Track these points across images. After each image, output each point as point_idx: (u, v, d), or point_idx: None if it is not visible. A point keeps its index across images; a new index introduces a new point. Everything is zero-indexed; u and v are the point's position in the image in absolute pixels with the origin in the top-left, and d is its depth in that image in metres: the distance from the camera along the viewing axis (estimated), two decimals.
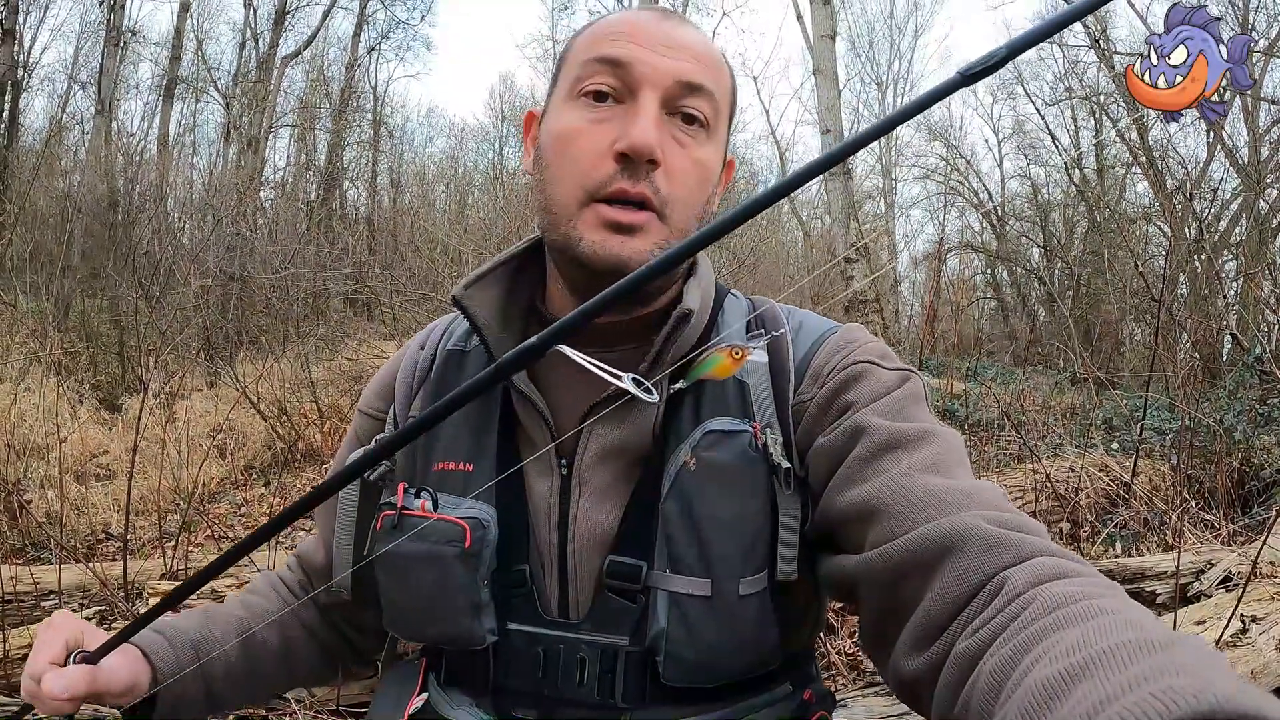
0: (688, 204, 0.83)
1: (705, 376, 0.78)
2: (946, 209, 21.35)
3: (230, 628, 0.96)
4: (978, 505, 0.67)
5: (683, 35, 0.84)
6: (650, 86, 0.81)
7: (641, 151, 0.78)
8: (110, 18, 14.84)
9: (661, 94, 0.81)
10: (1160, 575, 2.92)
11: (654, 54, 0.81)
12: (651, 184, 0.80)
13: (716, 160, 0.88)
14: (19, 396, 6.01)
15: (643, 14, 0.87)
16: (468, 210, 14.45)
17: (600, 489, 0.86)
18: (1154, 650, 0.42)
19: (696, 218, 0.85)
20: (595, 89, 0.82)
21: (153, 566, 3.44)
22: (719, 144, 0.88)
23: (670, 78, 0.81)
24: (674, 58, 0.82)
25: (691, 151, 0.83)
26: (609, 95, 0.82)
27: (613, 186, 0.79)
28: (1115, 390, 6.46)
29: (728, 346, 0.77)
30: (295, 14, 18.51)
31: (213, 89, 18.43)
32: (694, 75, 0.82)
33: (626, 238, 0.80)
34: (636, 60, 0.81)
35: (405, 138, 22.00)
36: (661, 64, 0.81)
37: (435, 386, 0.94)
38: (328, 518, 0.98)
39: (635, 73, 0.81)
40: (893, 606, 0.67)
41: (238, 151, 16.71)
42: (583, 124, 0.82)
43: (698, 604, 0.80)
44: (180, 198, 13.19)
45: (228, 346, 8.88)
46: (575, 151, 0.81)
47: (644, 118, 0.79)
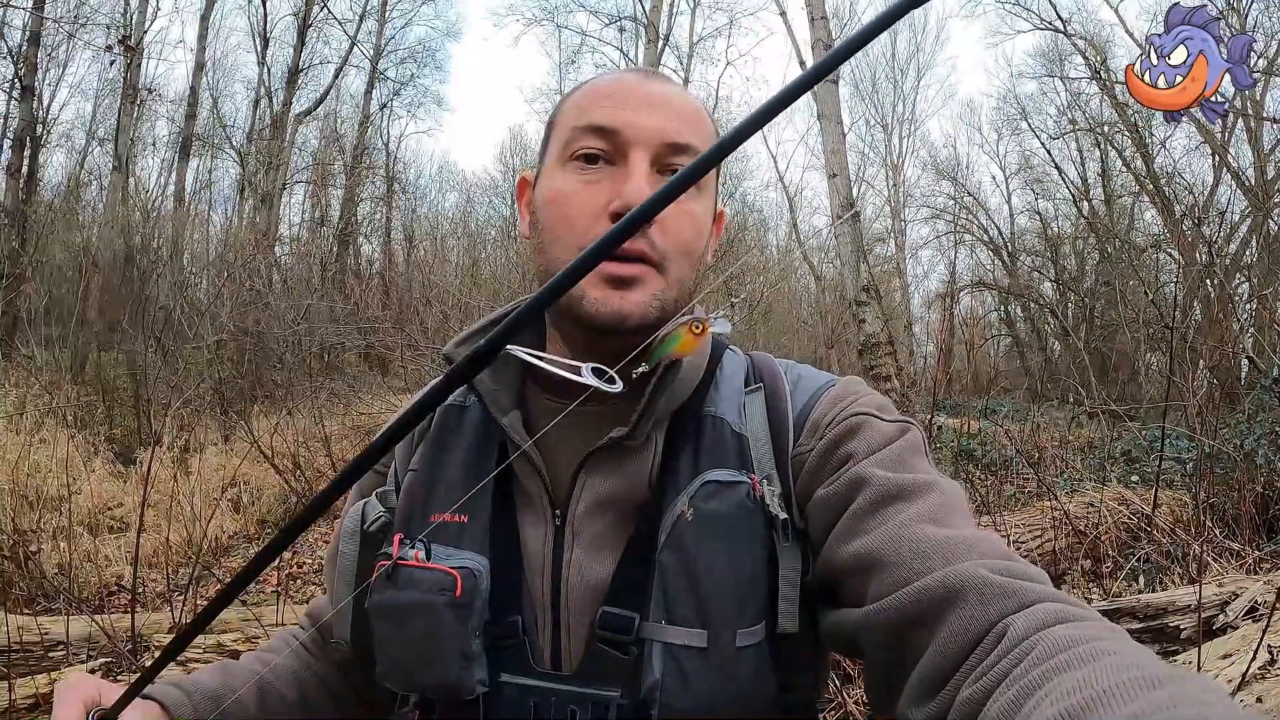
0: (684, 256, 0.85)
1: (668, 355, 0.77)
2: (956, 247, 21.41)
3: (247, 681, 0.96)
4: (979, 554, 0.67)
5: (667, 94, 0.87)
6: (639, 147, 0.83)
7: None
8: (127, 76, 15.29)
9: (651, 154, 0.83)
10: (1183, 610, 2.86)
11: (640, 115, 0.84)
12: (647, 239, 0.81)
13: (708, 213, 0.90)
14: (34, 447, 6.06)
15: (627, 75, 0.90)
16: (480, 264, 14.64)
17: (594, 539, 0.85)
18: (1154, 687, 0.43)
19: (693, 268, 0.87)
20: (586, 153, 0.84)
21: (161, 619, 3.43)
22: (709, 197, 0.90)
23: (658, 138, 0.83)
24: (660, 118, 0.84)
25: (682, 206, 0.84)
26: (600, 157, 0.84)
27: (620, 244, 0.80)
28: (1132, 422, 6.39)
29: (688, 321, 0.75)
30: (308, 72, 19.01)
31: (228, 146, 18.87)
32: (680, 135, 0.84)
33: (626, 291, 0.81)
34: (624, 124, 0.83)
35: (418, 193, 22.35)
36: (648, 124, 0.84)
37: (434, 442, 0.95)
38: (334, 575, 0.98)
39: (624, 136, 0.83)
40: (897, 658, 0.66)
41: (253, 207, 17.04)
42: (576, 186, 0.84)
43: (693, 655, 0.79)
44: (196, 253, 13.46)
45: (242, 400, 8.96)
46: (571, 213, 0.84)
47: (636, 177, 0.81)
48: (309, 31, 18.42)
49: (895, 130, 24.76)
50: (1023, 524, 4.37)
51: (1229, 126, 12.83)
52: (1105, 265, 14.67)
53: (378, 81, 20.28)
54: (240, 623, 3.49)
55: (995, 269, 19.99)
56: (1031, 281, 18.61)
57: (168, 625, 3.38)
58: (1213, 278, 7.27)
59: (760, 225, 21.63)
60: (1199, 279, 7.34)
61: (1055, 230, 18.57)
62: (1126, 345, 11.19)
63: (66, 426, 6.93)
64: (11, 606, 3.64)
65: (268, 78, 18.63)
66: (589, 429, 0.84)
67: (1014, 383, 15.34)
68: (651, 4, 16.18)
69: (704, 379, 0.91)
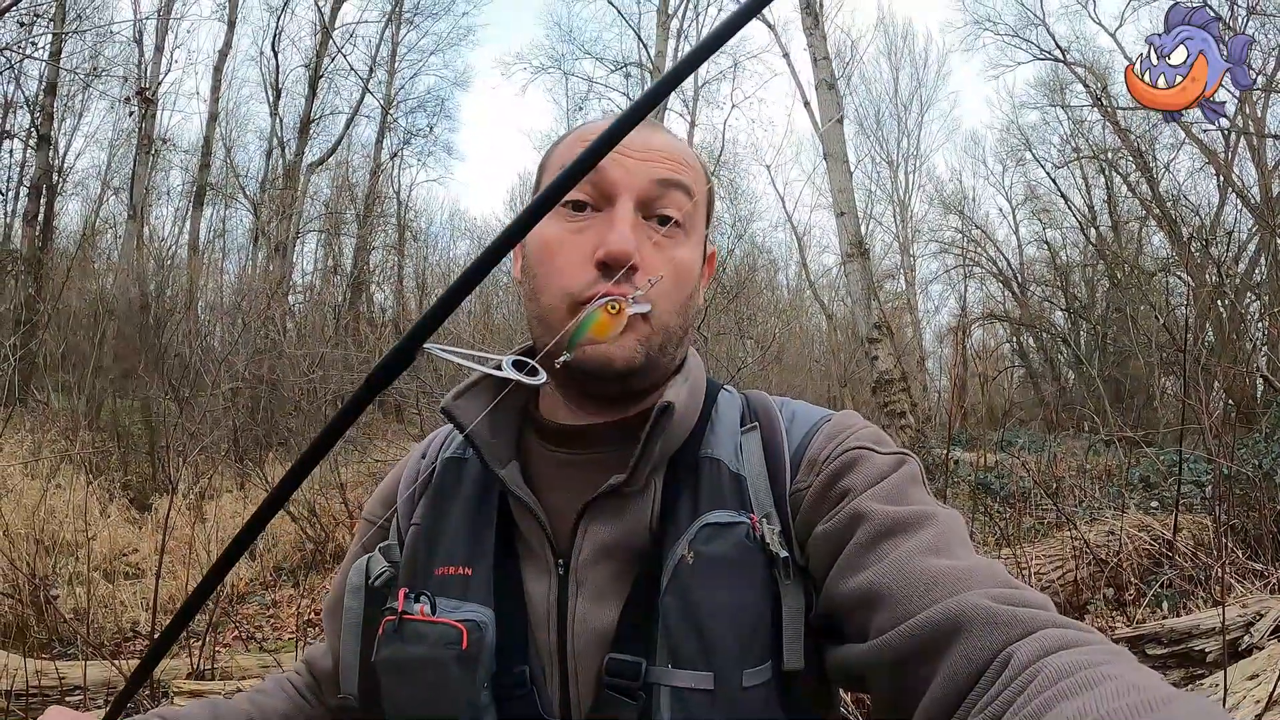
0: (671, 302, 0.85)
1: (586, 340, 0.76)
2: (966, 281, 21.39)
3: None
4: (981, 584, 0.67)
5: (656, 140, 0.87)
6: (626, 192, 0.84)
7: (619, 259, 0.80)
8: (142, 126, 15.58)
9: (636, 198, 0.84)
10: (1208, 632, 2.81)
11: (629, 160, 0.84)
12: (633, 286, 0.81)
13: (695, 257, 0.90)
14: (50, 493, 6.08)
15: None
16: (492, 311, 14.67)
17: (598, 587, 0.85)
18: (1151, 710, 0.44)
19: (680, 313, 0.87)
20: (573, 200, 0.84)
21: (179, 665, 3.42)
22: (697, 241, 0.90)
23: (645, 179, 0.84)
24: (648, 160, 0.85)
25: (669, 251, 0.85)
26: (587, 204, 0.85)
27: (594, 290, 0.81)
28: (1148, 448, 6.33)
29: (605, 302, 0.76)
30: (320, 123, 19.33)
31: (241, 195, 19.16)
32: (668, 173, 0.85)
33: None
34: (610, 168, 0.83)
35: (429, 241, 22.58)
36: (636, 169, 0.84)
37: (435, 494, 0.96)
38: (334, 625, 0.99)
39: (610, 180, 0.84)
40: (903, 692, 0.66)
41: (266, 256, 17.22)
42: (564, 234, 0.84)
43: (700, 697, 0.78)
44: (210, 301, 13.61)
45: (257, 448, 9.00)
46: (559, 262, 0.84)
47: (620, 225, 0.82)
48: (320, 82, 18.77)
49: (901, 166, 24.87)
50: (1043, 555, 4.33)
51: (1232, 145, 12.89)
52: (1115, 291, 14.64)
53: (389, 131, 20.63)
54: (260, 669, 3.48)
55: (1006, 300, 19.95)
56: (1043, 311, 18.56)
57: (185, 671, 3.38)
58: (1223, 298, 7.25)
59: (770, 266, 21.69)
60: (1210, 300, 7.31)
61: (1064, 259, 18.55)
62: (1140, 371, 11.12)
63: (83, 473, 6.96)
64: (29, 651, 3.64)
65: (280, 128, 18.96)
66: (588, 477, 0.85)
67: (1029, 413, 15.22)
68: (656, 50, 16.49)
69: (700, 421, 0.91)
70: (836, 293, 19.80)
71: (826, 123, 9.49)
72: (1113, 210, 16.79)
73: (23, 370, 9.66)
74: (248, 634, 4.42)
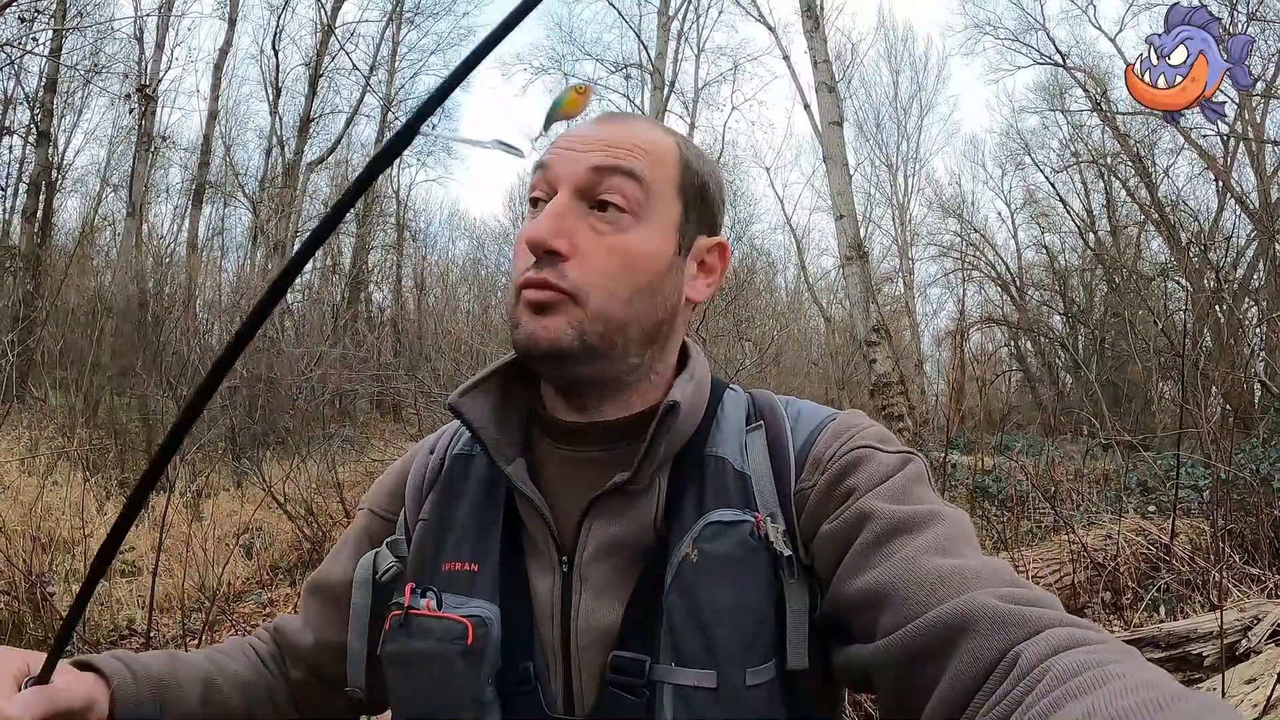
0: (608, 290, 0.83)
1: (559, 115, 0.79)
2: (965, 284, 21.41)
3: (195, 675, 0.94)
4: (988, 583, 0.67)
5: (604, 131, 0.87)
6: (564, 183, 0.84)
7: (531, 244, 0.82)
8: (141, 123, 15.56)
9: (574, 187, 0.84)
10: (1205, 636, 2.81)
11: (572, 152, 0.85)
12: (556, 271, 0.82)
13: (648, 243, 0.86)
14: (47, 490, 6.07)
15: (590, 119, 0.92)
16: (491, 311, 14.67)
17: (601, 585, 0.86)
18: (1160, 708, 0.44)
19: (626, 303, 0.85)
20: (534, 196, 0.87)
21: None
22: (656, 227, 0.87)
23: (581, 168, 0.84)
24: (588, 150, 0.85)
25: (609, 239, 0.84)
26: (542, 199, 0.86)
27: (525, 275, 0.83)
28: (1146, 452, 6.34)
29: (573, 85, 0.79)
30: (319, 121, 19.30)
31: (240, 194, 19.15)
32: (605, 160, 0.84)
33: (541, 317, 0.82)
34: (555, 161, 0.85)
35: (428, 241, 22.57)
36: (577, 159, 0.84)
37: (444, 490, 0.96)
38: (322, 609, 1.00)
39: (553, 173, 0.85)
40: (910, 692, 0.66)
41: (265, 255, 17.18)
42: (524, 228, 0.86)
43: (704, 696, 0.78)
44: (208, 299, 13.60)
45: (255, 447, 8.99)
46: (516, 252, 0.87)
47: (544, 214, 0.83)
48: (320, 81, 18.78)
49: (900, 170, 24.90)
50: (1040, 559, 4.33)
51: (1231, 151, 12.92)
52: (1114, 296, 14.67)
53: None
54: None
55: (1004, 304, 19.97)
56: (1041, 315, 18.59)
57: None
58: (1221, 303, 7.27)
59: (769, 268, 21.72)
60: (1208, 305, 7.33)
61: (1063, 263, 18.59)
62: (1138, 375, 11.14)
63: (80, 470, 6.95)
64: (25, 648, 3.62)
65: (280, 126, 18.96)
66: (593, 474, 0.85)
67: (1027, 417, 15.24)
68: (656, 51, 16.46)
69: (705, 419, 0.91)
70: (835, 295, 19.86)
71: (826, 125, 9.52)
72: (1111, 215, 16.82)
73: (20, 367, 9.64)
74: (244, 632, 4.41)
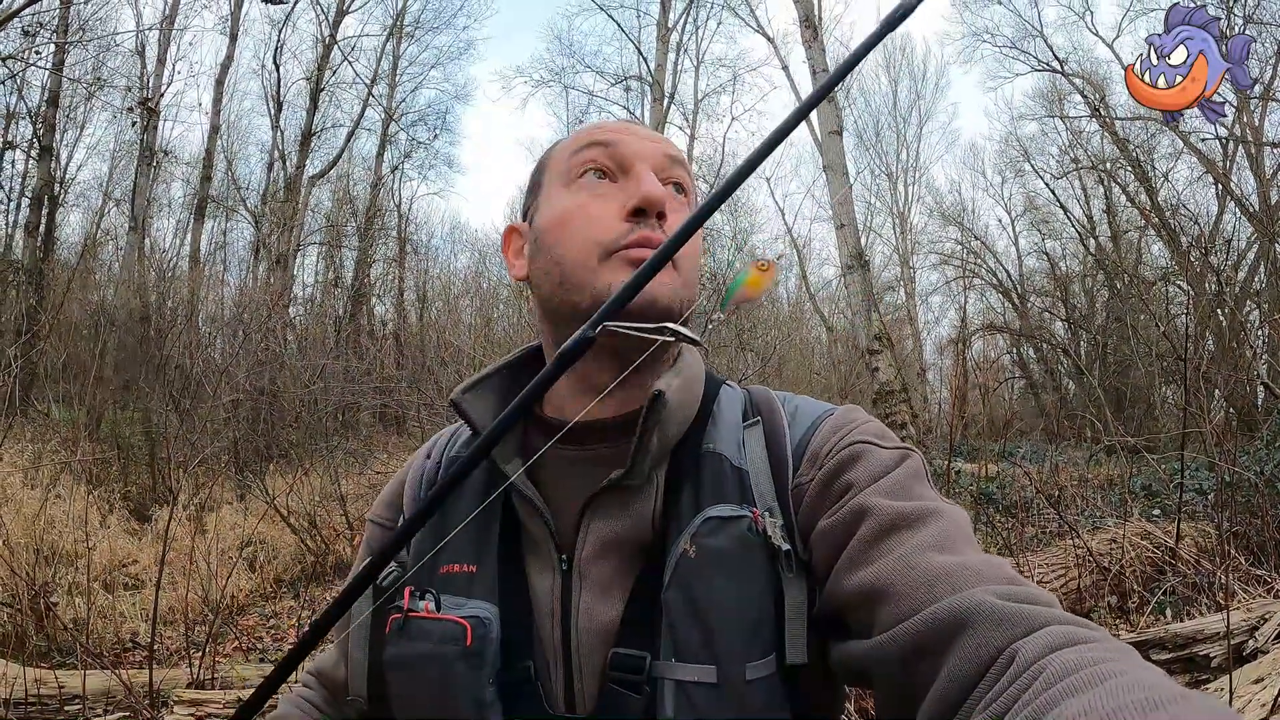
0: (692, 262, 0.88)
1: (739, 298, 0.76)
2: (966, 292, 21.42)
3: None
4: (986, 580, 0.67)
5: (648, 130, 0.94)
6: (642, 160, 0.87)
7: (655, 203, 0.83)
8: (144, 138, 15.65)
9: (653, 166, 0.88)
10: (1212, 637, 2.81)
11: (637, 138, 0.90)
12: (663, 232, 0.84)
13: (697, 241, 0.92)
14: (50, 503, 6.07)
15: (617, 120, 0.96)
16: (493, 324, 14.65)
17: (601, 582, 0.86)
18: (1157, 708, 0.43)
19: (695, 282, 0.89)
20: (593, 167, 0.88)
21: (179, 675, 3.40)
22: None
23: (659, 153, 0.89)
24: (655, 140, 0.91)
25: (683, 215, 0.88)
26: (605, 174, 0.88)
27: (633, 235, 0.83)
28: (1150, 456, 6.33)
29: (753, 261, 0.75)
30: (321, 136, 19.39)
31: (242, 208, 19.29)
32: (674, 151, 0.91)
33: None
34: (624, 142, 0.88)
35: (430, 253, 22.56)
36: (652, 145, 0.89)
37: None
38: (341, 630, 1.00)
39: (626, 150, 0.88)
40: (907, 688, 0.66)
41: (267, 268, 17.25)
42: (587, 199, 0.87)
43: (704, 691, 0.78)
44: (211, 313, 13.60)
45: (258, 459, 9.00)
46: (587, 216, 0.86)
47: (648, 178, 0.85)
48: (321, 96, 18.84)
49: (900, 178, 24.99)
50: (1046, 564, 4.32)
51: (1230, 154, 12.93)
52: (1115, 301, 14.67)
53: (389, 144, 20.71)
54: (260, 679, 3.46)
55: (1006, 311, 19.97)
56: (1043, 322, 18.57)
57: (185, 681, 3.36)
58: (1223, 306, 7.26)
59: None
60: (1209, 308, 7.33)
61: (1064, 269, 18.61)
62: (1141, 380, 11.12)
63: (82, 483, 6.95)
64: (27, 659, 3.63)
65: (281, 141, 19.08)
66: (590, 472, 0.85)
67: (1030, 424, 15.21)
68: (656, 63, 16.55)
69: (701, 415, 0.92)
70: (837, 305, 19.83)
71: (826, 134, 9.54)
72: (1112, 220, 16.85)
73: (23, 380, 9.65)
74: (248, 645, 4.41)
